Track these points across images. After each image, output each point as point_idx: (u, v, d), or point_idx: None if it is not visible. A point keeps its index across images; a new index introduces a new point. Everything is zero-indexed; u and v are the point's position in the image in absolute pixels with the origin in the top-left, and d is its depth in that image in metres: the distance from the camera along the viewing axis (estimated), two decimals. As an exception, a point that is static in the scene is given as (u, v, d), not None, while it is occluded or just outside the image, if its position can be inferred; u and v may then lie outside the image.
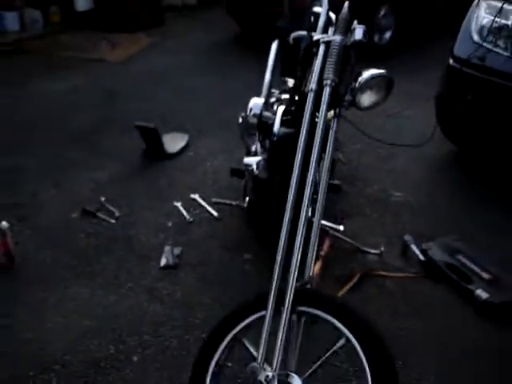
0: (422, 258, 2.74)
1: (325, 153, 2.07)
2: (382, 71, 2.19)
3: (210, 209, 3.16)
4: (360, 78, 2.15)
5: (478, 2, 3.16)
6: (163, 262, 2.74)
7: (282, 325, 1.72)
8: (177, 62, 5.76)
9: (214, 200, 3.13)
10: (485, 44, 3.03)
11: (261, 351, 1.72)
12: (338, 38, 2.12)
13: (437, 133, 3.75)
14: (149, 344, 2.28)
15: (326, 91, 2.01)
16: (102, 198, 3.24)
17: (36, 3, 6.68)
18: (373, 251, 2.84)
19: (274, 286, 1.80)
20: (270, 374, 1.67)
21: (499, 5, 2.96)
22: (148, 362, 2.19)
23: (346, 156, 3.77)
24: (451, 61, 3.22)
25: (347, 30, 2.17)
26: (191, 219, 3.09)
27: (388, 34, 6.11)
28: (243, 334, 1.84)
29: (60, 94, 4.89)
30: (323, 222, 2.72)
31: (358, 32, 2.16)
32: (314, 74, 2.07)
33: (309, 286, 1.87)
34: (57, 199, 3.29)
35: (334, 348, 1.72)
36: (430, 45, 6.24)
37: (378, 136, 3.96)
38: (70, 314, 2.43)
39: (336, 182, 2.80)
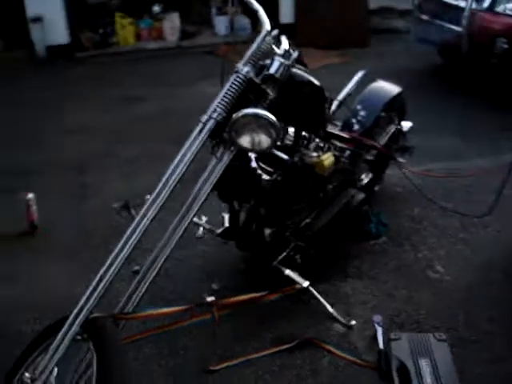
0: (380, 346, 2.31)
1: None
2: (258, 111, 1.82)
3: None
4: (233, 115, 1.85)
5: None
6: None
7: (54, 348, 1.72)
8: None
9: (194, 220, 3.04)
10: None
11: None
12: (244, 69, 1.90)
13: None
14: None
15: (207, 126, 1.84)
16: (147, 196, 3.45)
17: (249, 12, 7.19)
18: (343, 321, 2.49)
19: (73, 314, 1.80)
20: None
21: None
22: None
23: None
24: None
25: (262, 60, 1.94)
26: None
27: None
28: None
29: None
30: (288, 271, 2.50)
31: (274, 65, 1.92)
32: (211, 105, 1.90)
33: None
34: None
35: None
36: None
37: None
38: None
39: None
